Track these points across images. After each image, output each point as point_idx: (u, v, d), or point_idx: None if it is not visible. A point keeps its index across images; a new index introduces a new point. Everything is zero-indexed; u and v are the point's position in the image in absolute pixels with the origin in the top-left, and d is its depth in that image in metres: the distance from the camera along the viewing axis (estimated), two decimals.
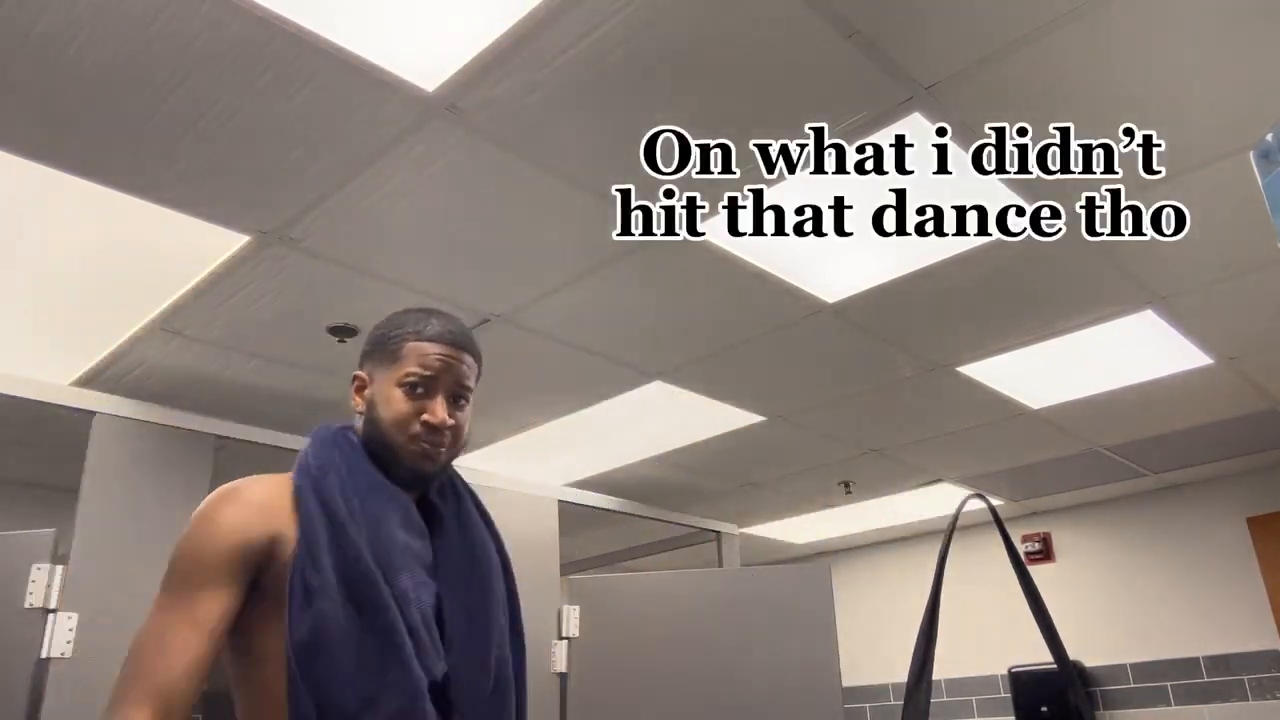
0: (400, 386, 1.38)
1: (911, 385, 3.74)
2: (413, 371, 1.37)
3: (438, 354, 1.39)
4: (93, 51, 1.83)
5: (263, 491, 1.30)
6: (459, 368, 1.41)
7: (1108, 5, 1.87)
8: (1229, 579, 5.05)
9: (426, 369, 1.38)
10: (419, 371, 1.37)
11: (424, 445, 1.37)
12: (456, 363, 1.40)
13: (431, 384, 1.39)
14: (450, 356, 1.40)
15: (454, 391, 1.41)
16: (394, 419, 1.37)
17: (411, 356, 1.38)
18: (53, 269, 2.61)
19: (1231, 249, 2.84)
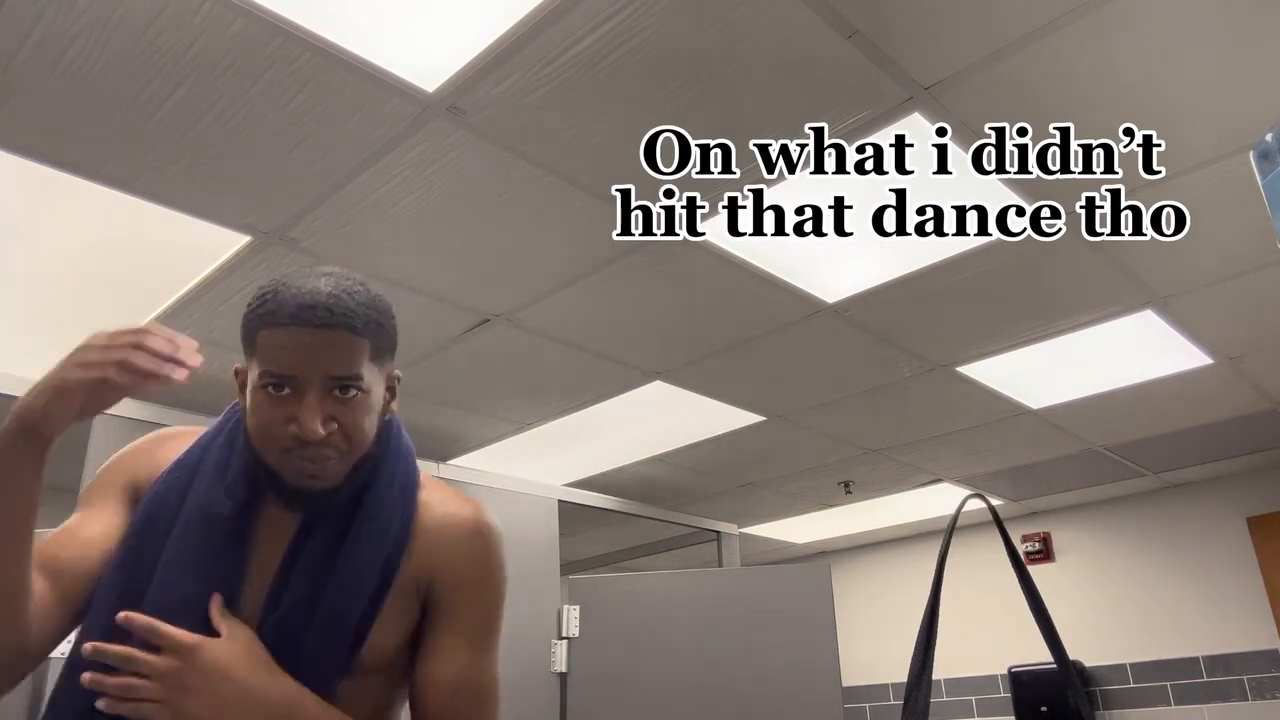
0: (261, 389, 1.06)
1: (911, 385, 3.74)
2: (267, 370, 1.05)
3: (291, 345, 1.03)
4: (93, 51, 1.83)
5: (173, 443, 1.23)
6: (328, 354, 1.04)
7: (1107, 6, 1.87)
8: (1229, 579, 5.05)
9: (281, 367, 1.04)
10: (273, 370, 1.04)
11: (300, 461, 1.06)
12: (323, 349, 1.04)
13: (296, 382, 1.05)
14: (311, 344, 1.03)
15: (330, 385, 1.05)
16: (258, 430, 1.08)
17: (265, 350, 1.05)
18: (52, 269, 2.61)
19: (1232, 249, 2.84)
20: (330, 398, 1.06)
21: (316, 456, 1.06)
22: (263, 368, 1.05)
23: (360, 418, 1.08)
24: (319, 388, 1.05)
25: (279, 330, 1.03)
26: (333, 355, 1.04)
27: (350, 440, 1.08)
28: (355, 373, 1.06)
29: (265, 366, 1.04)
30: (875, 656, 6.04)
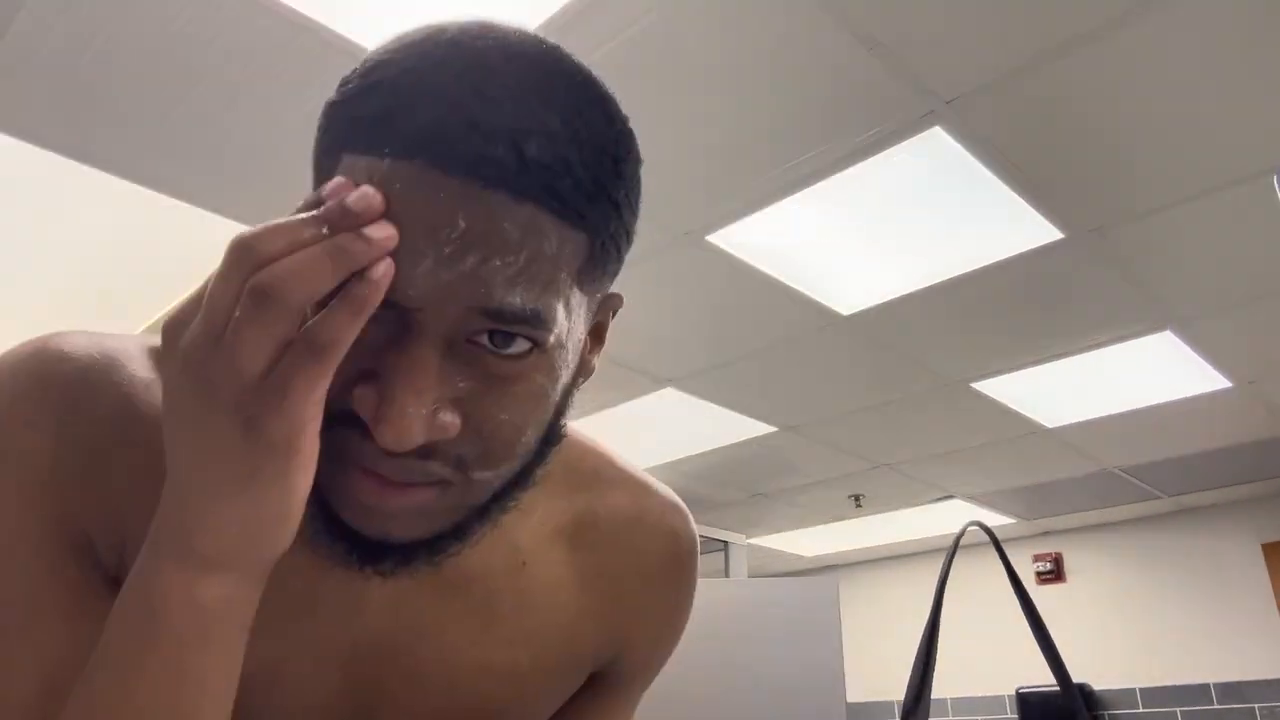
0: None
1: (925, 400, 3.72)
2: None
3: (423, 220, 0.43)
4: (115, 49, 1.84)
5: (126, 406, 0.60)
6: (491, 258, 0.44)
7: (1130, 26, 1.85)
8: (1242, 605, 4.99)
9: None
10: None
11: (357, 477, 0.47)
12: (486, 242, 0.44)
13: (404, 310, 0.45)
14: (466, 223, 0.43)
15: (481, 328, 0.45)
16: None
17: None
18: (70, 263, 2.63)
19: (1253, 272, 2.81)
20: (465, 358, 0.47)
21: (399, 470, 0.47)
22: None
23: (522, 407, 0.49)
24: (444, 337, 0.45)
25: (396, 168, 0.44)
26: (501, 266, 0.44)
27: (495, 450, 0.49)
28: (532, 309, 0.46)
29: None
30: (881, 673, 5.99)
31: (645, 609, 0.69)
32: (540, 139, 0.44)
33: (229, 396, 0.41)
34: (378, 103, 0.46)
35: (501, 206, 0.43)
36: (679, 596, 0.72)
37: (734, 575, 5.28)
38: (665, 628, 0.72)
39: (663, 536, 0.70)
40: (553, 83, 0.47)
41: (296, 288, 0.40)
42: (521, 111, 0.45)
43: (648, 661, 0.72)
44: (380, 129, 0.45)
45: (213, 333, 0.41)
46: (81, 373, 0.54)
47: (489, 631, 0.61)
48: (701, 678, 3.90)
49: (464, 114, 0.44)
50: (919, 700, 1.03)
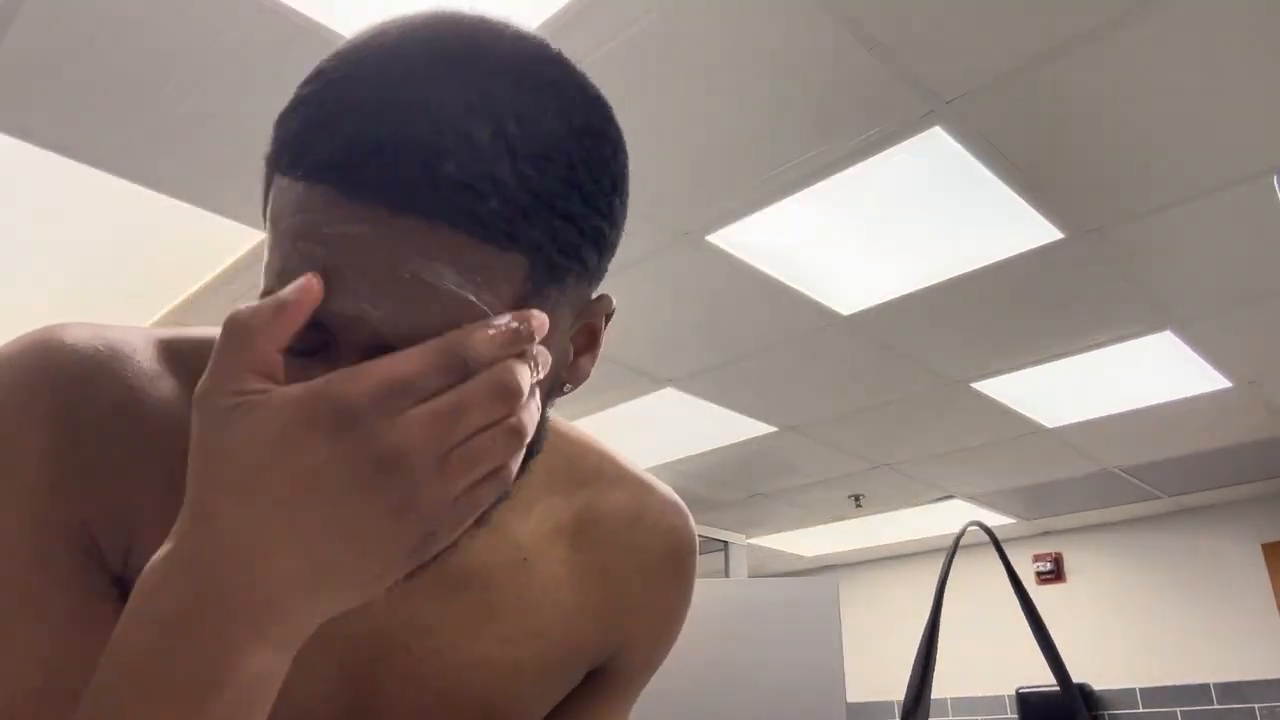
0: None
1: (925, 400, 3.72)
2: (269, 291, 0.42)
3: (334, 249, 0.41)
4: (115, 48, 1.84)
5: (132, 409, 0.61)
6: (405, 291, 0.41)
7: (1130, 26, 1.85)
8: (1242, 605, 4.99)
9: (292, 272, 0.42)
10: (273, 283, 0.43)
11: None
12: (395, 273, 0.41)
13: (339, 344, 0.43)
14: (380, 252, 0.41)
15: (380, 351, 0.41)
16: None
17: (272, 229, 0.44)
18: (69, 262, 2.63)
19: (1252, 272, 2.81)
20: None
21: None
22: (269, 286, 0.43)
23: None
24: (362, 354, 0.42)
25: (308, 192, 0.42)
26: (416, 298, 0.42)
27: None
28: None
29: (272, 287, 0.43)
30: (881, 673, 5.99)
31: (644, 607, 0.69)
32: (459, 156, 0.41)
33: (429, 511, 0.39)
34: (299, 122, 0.43)
35: (409, 232, 0.40)
36: (678, 595, 0.72)
37: (734, 575, 5.28)
38: (664, 626, 0.72)
39: (662, 535, 0.70)
40: (494, 86, 0.43)
41: (532, 429, 0.41)
42: (442, 126, 0.41)
43: (646, 660, 0.72)
44: (297, 151, 0.42)
45: (444, 450, 0.38)
46: (84, 365, 0.52)
47: (488, 628, 0.61)
48: (701, 678, 3.90)
49: (375, 133, 0.40)
50: (919, 700, 1.03)
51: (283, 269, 0.42)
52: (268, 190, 0.45)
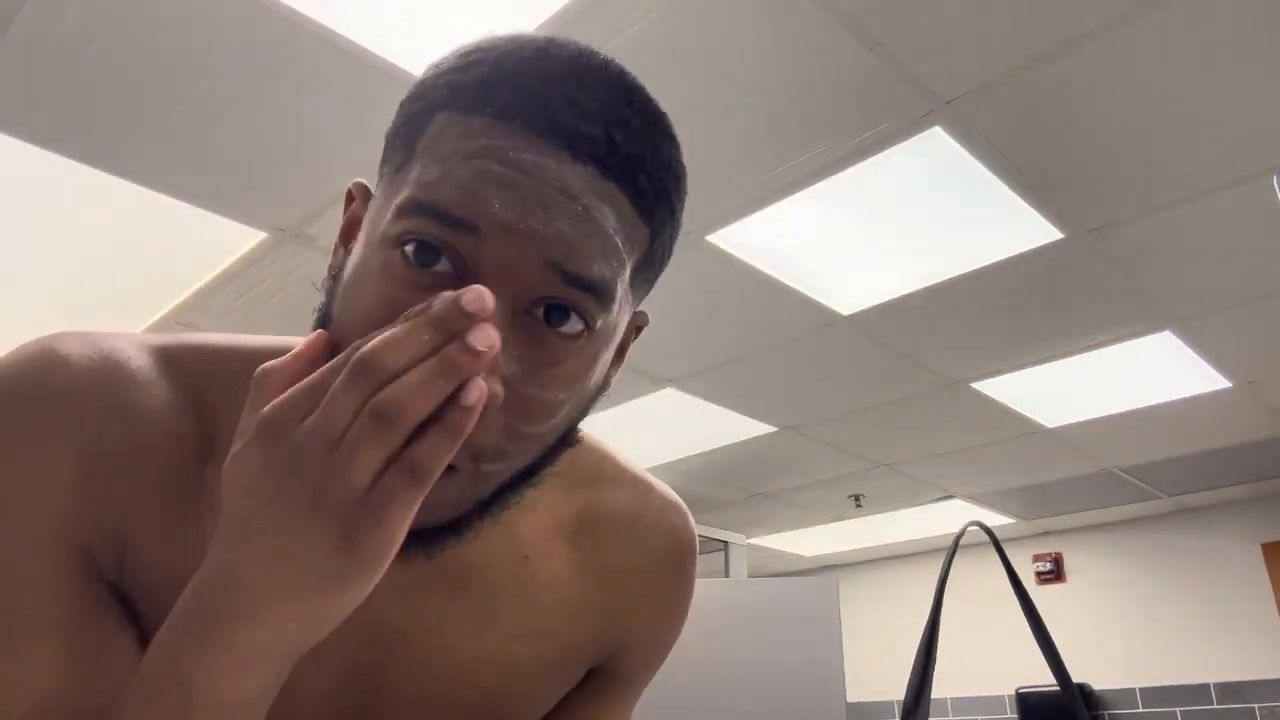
0: (391, 245, 0.47)
1: (925, 400, 3.72)
2: (427, 202, 0.45)
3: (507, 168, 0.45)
4: (115, 48, 1.84)
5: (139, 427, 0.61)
6: (575, 224, 0.45)
7: (1130, 26, 1.85)
8: (1242, 605, 4.99)
9: (465, 204, 0.45)
10: (440, 204, 0.45)
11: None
12: (570, 204, 0.45)
13: (485, 256, 0.45)
14: (557, 183, 0.45)
15: (551, 292, 0.46)
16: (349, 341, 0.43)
17: (437, 153, 0.47)
18: (69, 262, 2.63)
19: (1253, 272, 2.81)
20: (522, 326, 0.46)
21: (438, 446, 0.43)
22: (415, 194, 0.46)
23: (562, 392, 0.49)
24: (514, 293, 0.45)
25: (494, 125, 0.46)
26: (583, 229, 0.46)
27: (519, 435, 0.48)
28: (604, 281, 0.47)
29: (421, 193, 0.46)
30: (881, 673, 5.99)
31: (644, 605, 0.69)
32: (628, 130, 0.48)
33: (334, 507, 0.40)
34: (480, 73, 0.48)
35: (590, 179, 0.46)
36: (678, 594, 0.72)
37: (734, 575, 5.28)
38: (664, 624, 0.72)
39: (663, 534, 0.70)
40: (633, 91, 0.50)
41: (416, 409, 0.39)
42: (614, 103, 0.48)
43: (646, 659, 0.72)
44: (483, 92, 0.47)
45: (329, 442, 0.39)
46: (79, 379, 0.52)
47: (490, 624, 0.61)
48: (701, 678, 3.90)
49: (563, 91, 0.46)
50: (919, 700, 1.03)
51: (442, 177, 0.45)
52: (419, 126, 0.49)
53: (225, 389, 0.55)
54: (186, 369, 0.56)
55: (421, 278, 0.45)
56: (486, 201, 0.44)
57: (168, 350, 0.57)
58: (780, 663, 3.91)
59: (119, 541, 0.52)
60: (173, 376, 0.55)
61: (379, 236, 0.47)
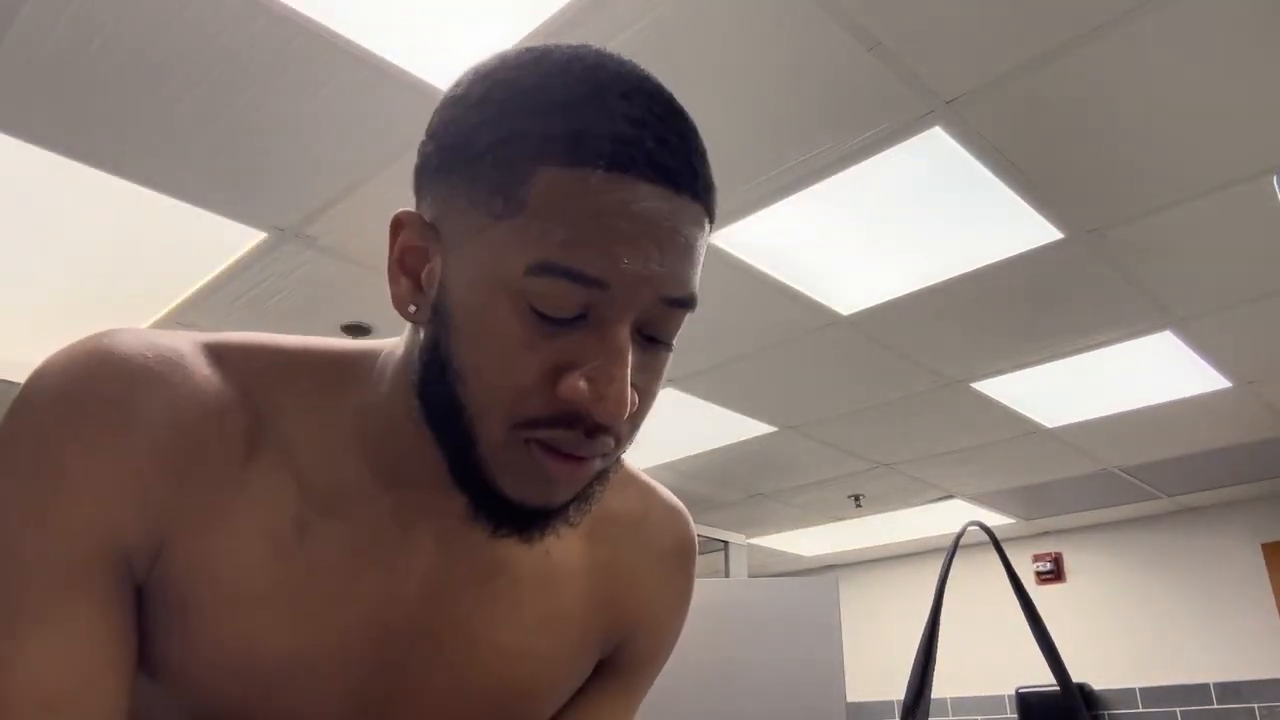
0: (521, 303, 0.51)
1: (925, 400, 3.72)
2: (557, 264, 0.49)
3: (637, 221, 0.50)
4: (114, 48, 1.84)
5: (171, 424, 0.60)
6: (681, 254, 0.53)
7: (1130, 26, 1.85)
8: (1242, 605, 4.99)
9: (595, 262, 0.49)
10: (575, 265, 0.49)
11: (553, 459, 0.53)
12: (676, 242, 0.52)
13: (604, 304, 0.51)
14: (667, 229, 0.51)
15: (657, 317, 0.54)
16: (494, 377, 0.51)
17: (558, 211, 0.50)
18: (67, 262, 2.62)
19: (1252, 272, 2.81)
20: (637, 346, 0.53)
21: (593, 449, 0.53)
22: (549, 258, 0.49)
23: (659, 385, 0.57)
24: (632, 324, 0.52)
25: (609, 179, 0.49)
26: (686, 259, 0.53)
27: (636, 423, 0.56)
28: (694, 295, 0.55)
29: (555, 257, 0.49)
30: (881, 673, 5.99)
31: (650, 599, 0.73)
32: (700, 155, 0.53)
33: None
34: (578, 125, 0.50)
35: (688, 210, 0.52)
36: (680, 588, 0.76)
37: (734, 575, 5.28)
38: (667, 617, 0.76)
39: (668, 533, 0.75)
40: (681, 109, 0.54)
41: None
42: (684, 130, 0.53)
43: (651, 650, 0.76)
44: (589, 146, 0.49)
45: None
46: (133, 376, 0.54)
47: (512, 616, 0.64)
48: (701, 677, 3.90)
49: (654, 132, 0.51)
50: (919, 700, 1.03)
51: (572, 240, 0.49)
52: (521, 176, 0.50)
53: (271, 388, 0.58)
54: (238, 367, 0.58)
55: (553, 323, 0.50)
56: (616, 259, 0.49)
57: (219, 348, 0.59)
58: (780, 663, 3.91)
59: (158, 539, 0.54)
60: (224, 374, 0.57)
61: (503, 287, 0.50)
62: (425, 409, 0.54)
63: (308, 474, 0.58)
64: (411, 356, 0.56)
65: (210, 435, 0.55)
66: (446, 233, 0.54)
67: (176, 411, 0.54)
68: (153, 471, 0.53)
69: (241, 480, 0.56)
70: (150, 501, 0.53)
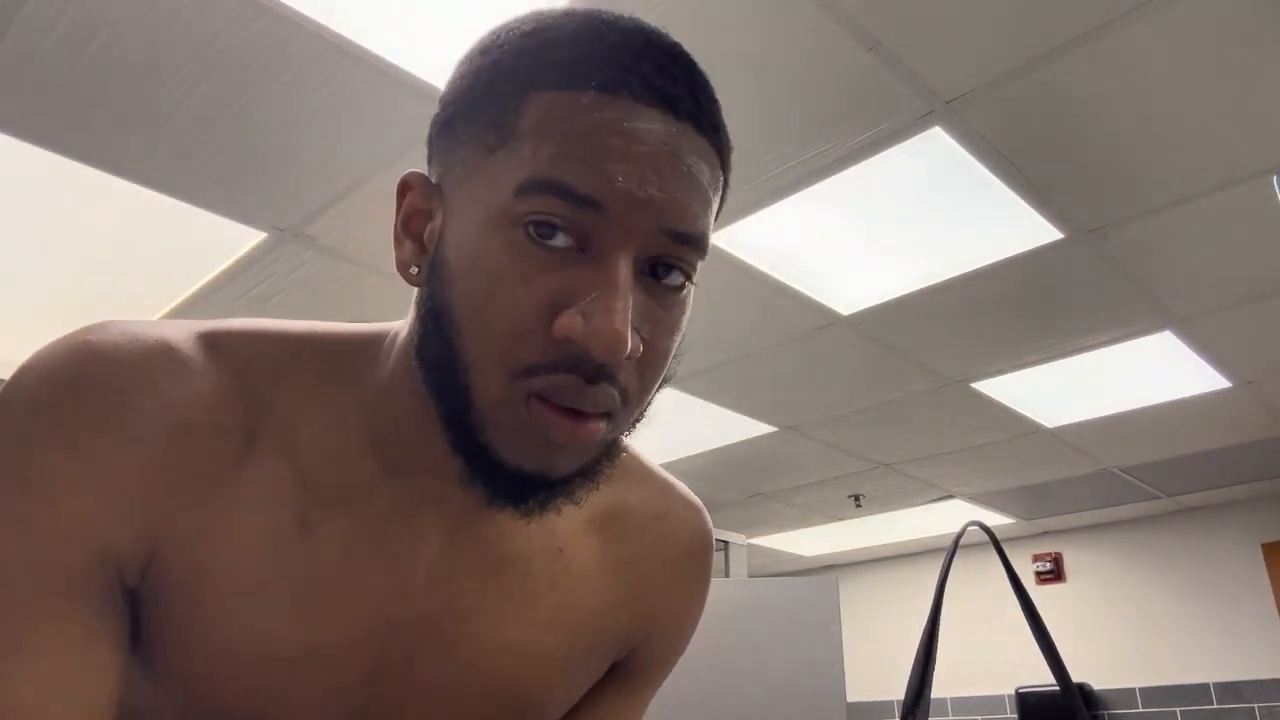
0: (517, 226, 0.48)
1: (925, 400, 3.72)
2: (548, 181, 0.47)
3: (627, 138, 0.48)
4: (116, 46, 1.84)
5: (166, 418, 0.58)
6: (682, 184, 0.49)
7: (1130, 26, 1.85)
8: (1241, 605, 4.99)
9: (589, 179, 0.47)
10: (566, 182, 0.47)
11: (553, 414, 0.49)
12: (678, 170, 0.49)
13: (600, 229, 0.48)
14: (665, 150, 0.49)
15: (649, 259, 0.50)
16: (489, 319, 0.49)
17: (550, 131, 0.48)
18: (69, 261, 2.62)
19: (1253, 272, 2.81)
20: (641, 286, 0.50)
21: (596, 401, 0.49)
22: (537, 173, 0.47)
23: (674, 339, 0.53)
24: (633, 256, 0.49)
25: (601, 98, 0.48)
26: (688, 189, 0.49)
27: (646, 382, 0.52)
28: (705, 233, 0.51)
29: (544, 172, 0.47)
30: (881, 673, 5.99)
31: (666, 600, 0.70)
32: (705, 89, 0.52)
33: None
34: (569, 50, 0.49)
35: (689, 137, 0.50)
36: (697, 590, 0.74)
37: (734, 575, 5.28)
38: (683, 619, 0.74)
39: (685, 532, 0.72)
40: (688, 54, 0.53)
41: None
42: (688, 66, 0.52)
43: (665, 654, 0.74)
44: (581, 68, 0.48)
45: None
46: (120, 377, 0.51)
47: (522, 613, 0.62)
48: (701, 677, 3.90)
49: (651, 59, 0.49)
50: (919, 700, 1.03)
51: (562, 155, 0.47)
52: (511, 106, 0.49)
53: (272, 376, 0.56)
54: (234, 355, 0.55)
55: (548, 253, 0.47)
56: (610, 177, 0.46)
57: (214, 336, 0.56)
58: (780, 663, 3.91)
59: (149, 543, 0.51)
60: (220, 364, 0.54)
61: (495, 216, 0.48)
62: (423, 372, 0.51)
63: (309, 466, 0.55)
64: (414, 327, 0.53)
65: (203, 432, 0.52)
66: (447, 185, 0.52)
67: (166, 410, 0.51)
68: (141, 474, 0.50)
69: (239, 476, 0.53)
70: (140, 505, 0.50)
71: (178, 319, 1.76)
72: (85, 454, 0.49)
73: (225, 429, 0.53)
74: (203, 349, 0.55)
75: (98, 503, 0.49)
